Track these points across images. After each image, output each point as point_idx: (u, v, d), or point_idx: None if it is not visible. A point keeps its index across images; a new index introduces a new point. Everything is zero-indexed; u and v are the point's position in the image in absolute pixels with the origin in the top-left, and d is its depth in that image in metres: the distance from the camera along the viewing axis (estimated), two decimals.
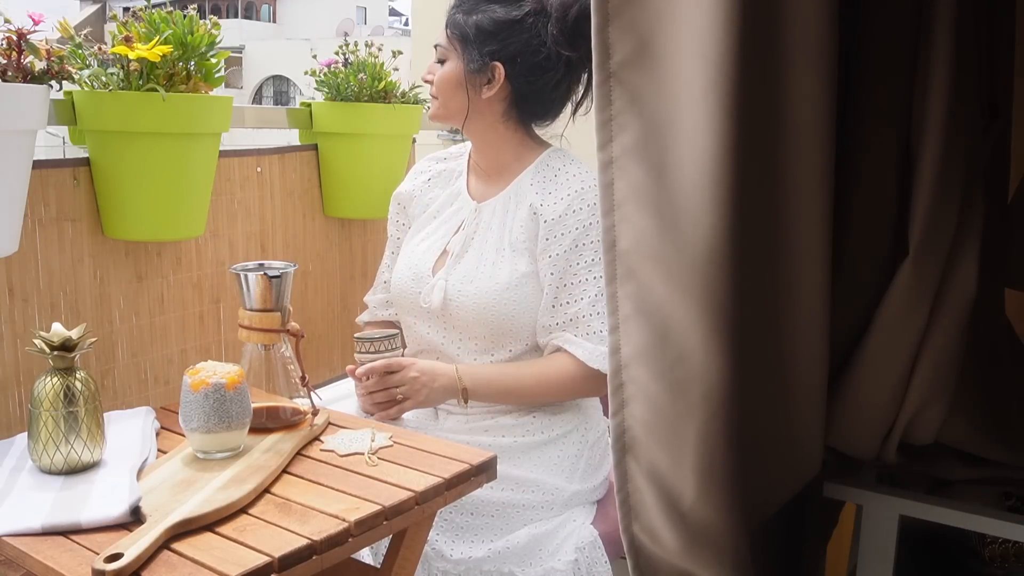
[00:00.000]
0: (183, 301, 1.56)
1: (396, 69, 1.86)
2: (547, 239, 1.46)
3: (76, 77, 1.29)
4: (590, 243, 1.45)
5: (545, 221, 1.46)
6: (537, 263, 1.47)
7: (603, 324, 1.40)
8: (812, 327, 0.98)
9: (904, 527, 1.09)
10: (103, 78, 1.32)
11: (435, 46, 1.52)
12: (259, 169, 1.70)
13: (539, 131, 1.58)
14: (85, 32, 1.37)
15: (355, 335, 1.46)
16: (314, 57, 1.85)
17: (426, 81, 1.55)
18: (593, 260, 1.45)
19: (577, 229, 1.44)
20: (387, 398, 1.43)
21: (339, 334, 1.93)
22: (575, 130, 1.59)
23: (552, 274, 1.45)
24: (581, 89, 1.54)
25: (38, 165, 1.29)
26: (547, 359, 1.47)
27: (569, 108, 1.56)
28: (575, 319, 1.44)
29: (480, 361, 1.49)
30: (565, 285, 1.45)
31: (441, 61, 1.51)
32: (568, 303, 1.44)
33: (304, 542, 0.94)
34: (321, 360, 1.89)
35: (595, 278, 1.44)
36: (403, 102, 1.83)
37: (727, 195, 0.81)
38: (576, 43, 1.46)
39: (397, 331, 1.49)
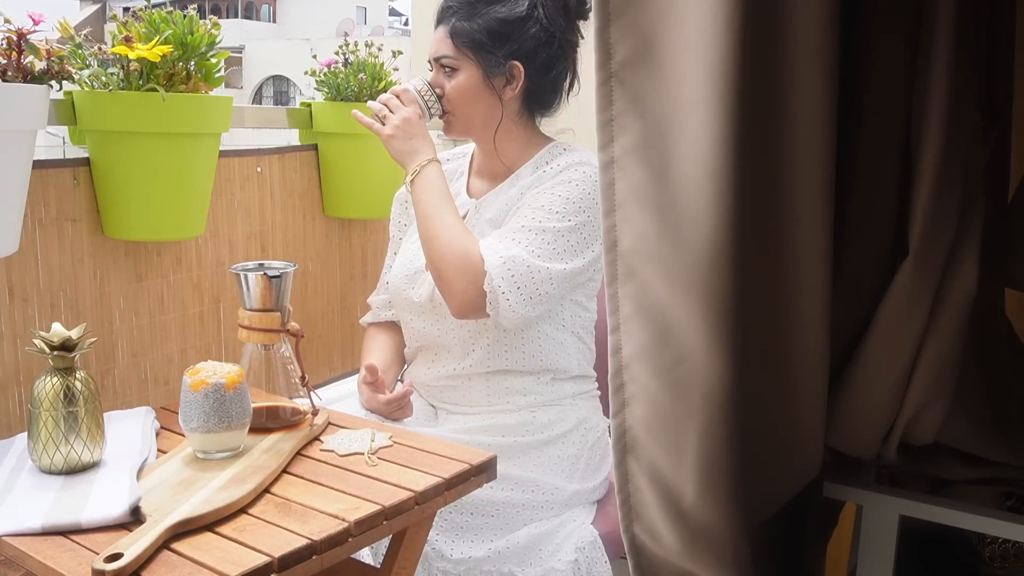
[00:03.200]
0: (183, 301, 1.56)
1: (396, 69, 1.86)
2: (523, 205, 1.46)
3: (76, 77, 1.29)
4: (547, 191, 1.44)
5: (533, 192, 1.46)
6: None
7: (501, 245, 1.38)
8: (813, 327, 0.98)
9: (904, 527, 1.09)
10: (103, 78, 1.32)
11: (437, 59, 1.50)
12: (259, 169, 1.70)
13: (543, 127, 1.59)
14: (85, 32, 1.37)
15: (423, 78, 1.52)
16: (314, 57, 1.85)
17: (437, 93, 1.51)
18: (542, 205, 1.42)
19: (544, 183, 1.46)
20: (376, 110, 1.48)
21: (339, 334, 1.93)
22: (579, 119, 1.59)
23: (514, 220, 1.44)
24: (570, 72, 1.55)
25: (38, 165, 1.29)
26: (470, 233, 1.44)
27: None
28: (495, 236, 1.43)
29: (474, 349, 1.49)
30: (515, 237, 1.44)
31: (450, 73, 1.49)
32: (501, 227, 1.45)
33: (304, 542, 0.94)
34: (321, 360, 1.89)
35: (528, 218, 1.41)
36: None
37: (728, 195, 0.81)
38: (577, 27, 1.50)
39: (440, 107, 1.50)
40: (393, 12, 37.80)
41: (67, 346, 1.09)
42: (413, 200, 1.46)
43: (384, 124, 1.46)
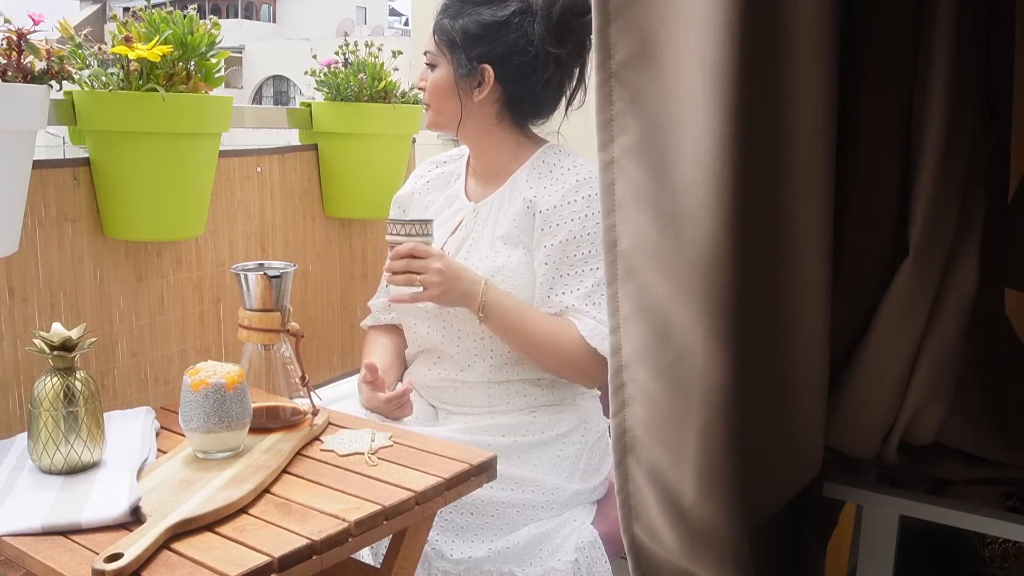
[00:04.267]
0: (183, 301, 1.56)
1: (396, 69, 1.86)
2: (542, 229, 1.45)
3: (76, 77, 1.29)
4: (587, 236, 1.44)
5: (540, 212, 1.45)
6: (532, 255, 1.47)
7: (600, 313, 1.40)
8: (812, 327, 0.98)
9: (904, 527, 1.09)
10: (103, 78, 1.32)
11: (424, 52, 1.52)
12: (259, 169, 1.70)
13: (535, 129, 1.58)
14: (85, 32, 1.37)
15: (389, 217, 1.43)
16: (314, 57, 1.85)
17: (419, 88, 1.55)
18: (590, 252, 1.43)
19: (572, 220, 1.44)
20: (406, 282, 1.38)
21: (339, 334, 1.93)
22: (569, 125, 1.58)
23: (547, 264, 1.44)
24: (573, 84, 1.54)
25: (38, 165, 1.29)
26: (558, 320, 1.44)
27: (563, 103, 1.56)
28: (570, 309, 1.43)
29: (477, 362, 1.49)
30: (561, 276, 1.44)
31: (432, 67, 1.51)
32: (564, 293, 1.44)
33: (304, 542, 0.94)
34: (321, 360, 1.89)
35: (591, 270, 1.43)
36: (403, 102, 1.83)
37: (728, 195, 0.81)
38: (563, 40, 1.46)
39: (432, 219, 1.44)
40: (393, 12, 37.78)
41: (67, 346, 1.09)
42: (494, 330, 1.43)
43: (427, 289, 1.37)
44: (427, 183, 1.65)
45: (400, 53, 1.93)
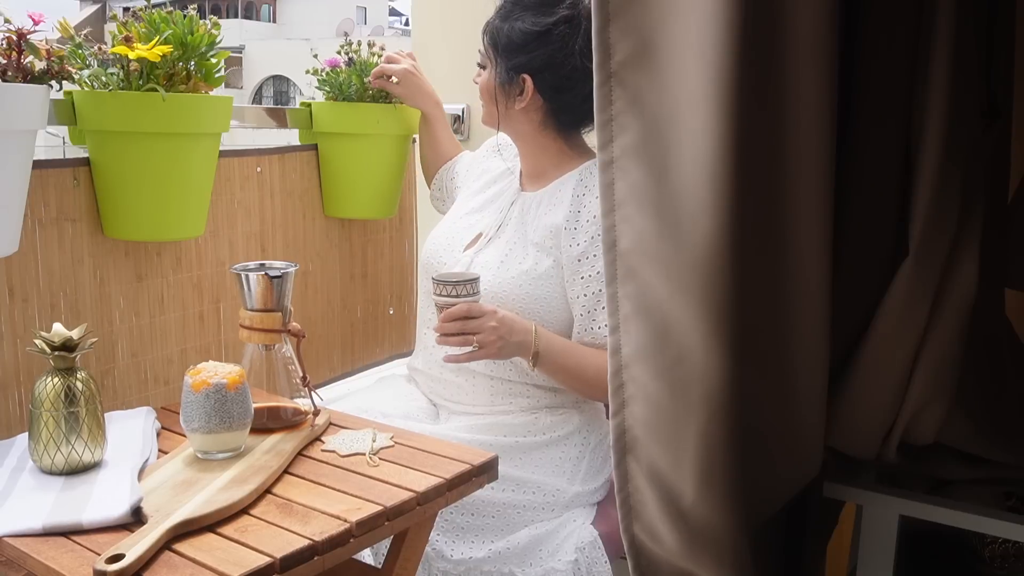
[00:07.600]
0: (183, 301, 1.56)
1: None
2: (579, 260, 1.44)
3: (76, 77, 1.28)
4: None
5: (577, 244, 1.45)
6: (561, 268, 1.46)
7: None
8: (812, 327, 0.98)
9: (904, 527, 1.09)
10: (103, 78, 1.32)
11: (479, 50, 1.54)
12: (259, 169, 1.70)
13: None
14: (85, 32, 1.36)
15: (433, 276, 1.40)
16: (315, 57, 1.85)
17: (475, 82, 1.56)
18: None
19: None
20: (462, 343, 1.37)
21: (339, 334, 1.93)
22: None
23: (586, 295, 1.44)
24: None
25: (38, 165, 1.29)
26: (604, 354, 1.44)
27: None
28: None
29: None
30: (602, 305, 1.44)
31: (483, 66, 1.54)
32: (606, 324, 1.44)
33: (305, 543, 0.94)
34: (321, 360, 1.89)
35: None
36: (403, 102, 1.83)
37: (727, 195, 0.81)
38: None
39: (477, 276, 1.42)
40: (393, 12, 37.73)
41: (68, 346, 1.09)
42: (545, 372, 1.43)
43: (483, 347, 1.36)
44: (498, 148, 1.69)
45: None
